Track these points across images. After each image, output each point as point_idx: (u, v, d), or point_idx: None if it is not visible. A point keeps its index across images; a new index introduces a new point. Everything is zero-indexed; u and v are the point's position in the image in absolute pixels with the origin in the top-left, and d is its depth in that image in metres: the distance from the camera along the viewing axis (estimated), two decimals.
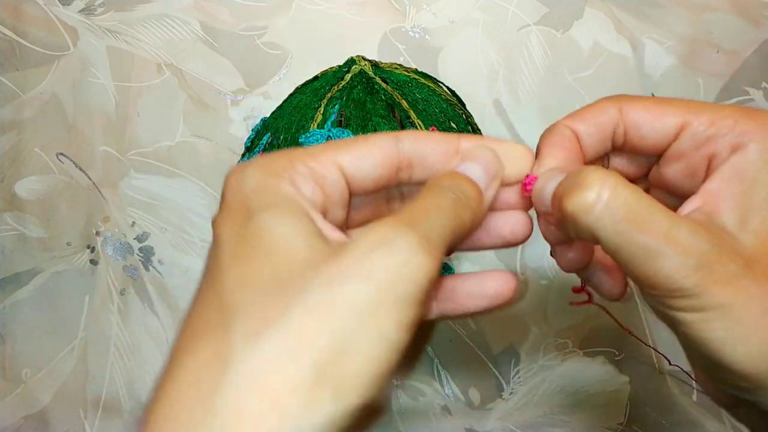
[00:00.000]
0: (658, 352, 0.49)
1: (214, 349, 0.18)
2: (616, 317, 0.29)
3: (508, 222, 0.24)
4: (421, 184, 0.23)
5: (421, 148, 0.23)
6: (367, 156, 0.22)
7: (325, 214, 0.21)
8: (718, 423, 0.49)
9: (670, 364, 0.48)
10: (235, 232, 0.20)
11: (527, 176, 0.24)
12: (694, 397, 0.49)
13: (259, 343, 0.17)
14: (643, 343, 0.50)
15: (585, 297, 0.28)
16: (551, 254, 0.25)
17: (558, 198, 0.21)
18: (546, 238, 0.25)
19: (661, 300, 0.21)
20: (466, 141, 0.24)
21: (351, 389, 0.17)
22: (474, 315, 0.23)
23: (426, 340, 0.25)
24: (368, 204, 0.24)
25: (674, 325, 0.21)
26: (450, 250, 0.22)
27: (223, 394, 0.17)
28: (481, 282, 0.23)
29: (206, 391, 0.17)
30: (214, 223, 0.21)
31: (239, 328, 0.17)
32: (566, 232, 0.23)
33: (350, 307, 0.17)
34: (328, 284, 0.18)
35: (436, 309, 0.23)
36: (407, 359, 0.20)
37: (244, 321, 0.18)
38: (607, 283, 0.25)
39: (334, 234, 0.20)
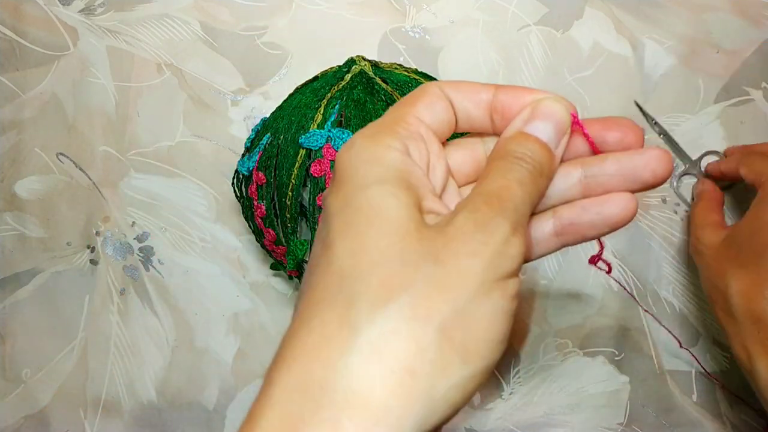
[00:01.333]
0: (671, 333, 0.50)
1: (341, 314, 0.19)
2: (617, 317, 0.30)
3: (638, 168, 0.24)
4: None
5: (459, 97, 0.24)
6: (435, 105, 0.23)
7: (430, 170, 0.23)
8: (718, 423, 0.49)
9: (680, 346, 0.49)
10: (345, 204, 0.21)
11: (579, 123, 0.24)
12: (694, 397, 0.49)
13: (385, 310, 0.18)
14: (654, 317, 0.50)
15: (605, 267, 0.29)
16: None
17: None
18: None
19: None
20: (502, 97, 0.24)
21: (476, 353, 0.19)
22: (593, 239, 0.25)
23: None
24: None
25: None
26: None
27: (355, 356, 0.18)
28: (601, 210, 0.24)
29: (337, 353, 0.18)
30: (324, 196, 0.22)
31: (363, 296, 0.19)
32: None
33: (464, 281, 0.19)
34: (438, 260, 0.19)
35: (557, 242, 0.25)
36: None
37: (367, 290, 0.19)
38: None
39: (436, 205, 0.22)
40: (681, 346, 0.49)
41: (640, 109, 0.51)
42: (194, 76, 0.52)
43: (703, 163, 0.50)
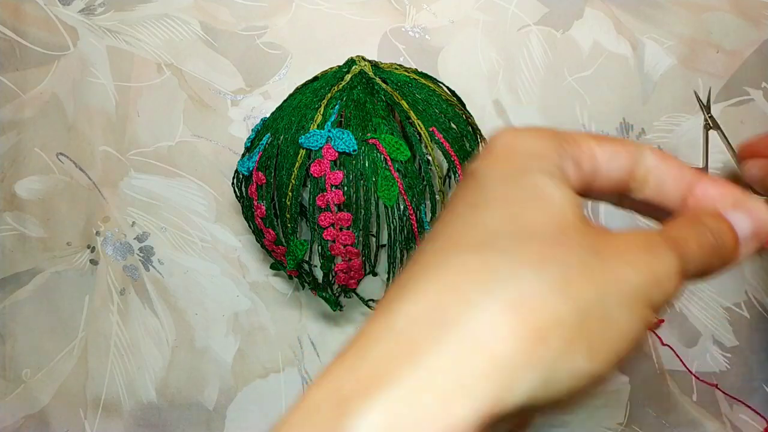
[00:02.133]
0: (654, 333, 0.49)
1: (485, 260, 0.18)
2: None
3: None
4: (644, 202, 0.24)
5: (663, 169, 0.23)
6: (618, 156, 0.23)
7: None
8: (718, 423, 0.49)
9: (662, 344, 0.48)
10: (506, 178, 0.20)
11: None
12: (694, 397, 0.49)
13: (533, 271, 0.18)
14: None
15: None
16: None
17: None
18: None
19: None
20: (707, 185, 0.23)
21: (601, 354, 0.18)
22: None
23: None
24: None
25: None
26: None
27: (491, 302, 0.17)
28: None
29: (475, 293, 0.18)
30: (476, 165, 0.22)
31: (514, 253, 0.18)
32: None
33: (619, 282, 0.18)
34: (602, 254, 0.19)
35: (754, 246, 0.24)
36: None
37: (520, 249, 0.18)
38: None
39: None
40: (663, 344, 0.49)
41: (698, 99, 0.50)
42: (194, 76, 0.52)
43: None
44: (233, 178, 0.45)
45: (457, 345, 0.17)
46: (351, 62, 0.42)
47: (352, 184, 0.39)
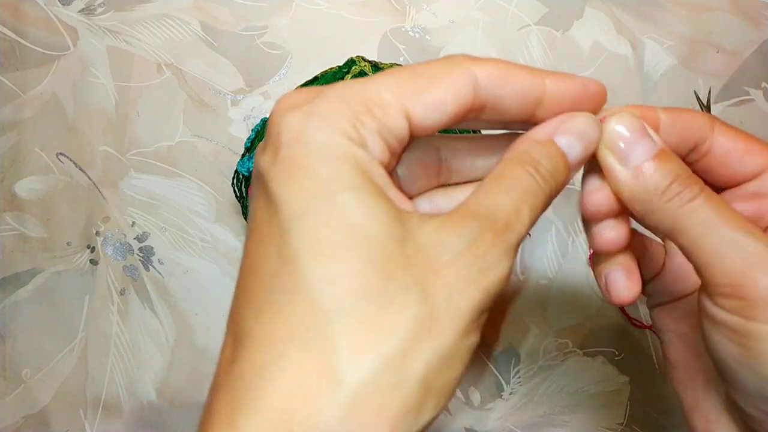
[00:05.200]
0: (652, 330, 0.49)
1: (319, 360, 0.16)
2: (617, 317, 0.29)
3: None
4: (490, 122, 0.21)
5: (500, 92, 0.20)
6: (441, 104, 0.19)
7: (386, 168, 0.20)
8: None
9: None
10: (308, 206, 0.17)
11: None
12: None
13: (369, 359, 0.16)
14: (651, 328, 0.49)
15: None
16: (585, 230, 0.23)
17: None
18: (590, 206, 0.22)
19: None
20: (552, 81, 0.20)
21: (447, 395, 0.18)
22: None
23: None
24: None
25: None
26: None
27: (335, 411, 0.16)
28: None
29: (317, 407, 0.16)
30: (264, 170, 0.18)
31: (344, 340, 0.16)
32: (617, 204, 0.21)
33: (454, 321, 0.17)
34: (431, 294, 0.17)
35: None
36: None
37: (348, 332, 0.16)
38: (621, 283, 0.23)
39: (405, 205, 0.19)
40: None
41: (698, 99, 0.50)
42: (194, 76, 0.52)
43: None
44: (233, 178, 0.45)
45: None
46: (351, 62, 0.42)
47: None
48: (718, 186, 0.24)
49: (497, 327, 0.50)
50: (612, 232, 0.22)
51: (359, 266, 0.17)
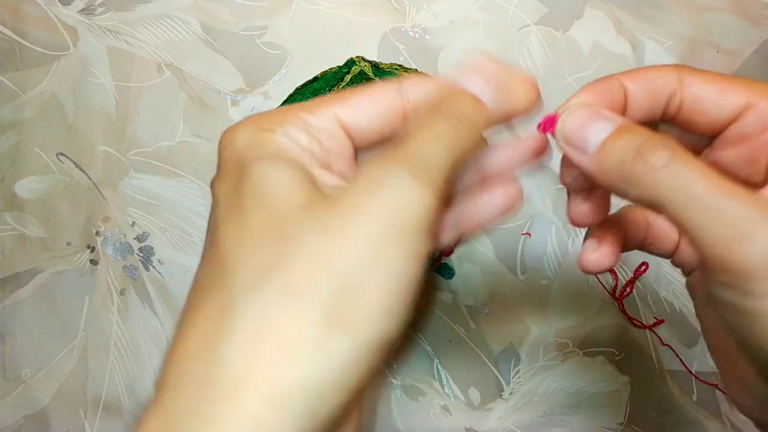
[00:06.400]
0: (652, 330, 0.50)
1: (217, 303, 0.17)
2: (617, 317, 0.29)
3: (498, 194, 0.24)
4: None
5: (425, 92, 0.22)
6: (368, 107, 0.21)
7: (328, 167, 0.21)
8: (718, 423, 0.49)
9: (662, 343, 0.49)
10: (231, 188, 0.20)
11: (554, 115, 0.23)
12: (694, 397, 0.49)
13: (260, 291, 0.17)
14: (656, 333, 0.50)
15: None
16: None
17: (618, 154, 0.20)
18: (565, 182, 0.23)
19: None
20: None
21: (364, 325, 0.17)
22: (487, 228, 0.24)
23: (419, 321, 0.25)
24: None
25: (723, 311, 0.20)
26: (453, 181, 0.21)
27: (231, 345, 0.17)
28: (492, 201, 0.23)
29: (214, 343, 0.17)
30: (211, 184, 0.21)
31: (239, 279, 0.17)
32: (591, 181, 0.22)
33: (352, 247, 0.17)
34: (326, 228, 0.17)
35: (452, 234, 0.23)
36: (400, 340, 0.20)
37: (243, 272, 0.17)
38: (589, 249, 0.25)
39: (333, 181, 0.20)
40: (663, 343, 0.49)
41: None
42: (194, 76, 0.52)
43: None
44: None
45: (219, 408, 0.16)
46: (351, 63, 0.42)
47: None
48: (706, 137, 0.23)
49: (497, 327, 0.50)
50: (581, 206, 0.24)
51: (264, 219, 0.18)
